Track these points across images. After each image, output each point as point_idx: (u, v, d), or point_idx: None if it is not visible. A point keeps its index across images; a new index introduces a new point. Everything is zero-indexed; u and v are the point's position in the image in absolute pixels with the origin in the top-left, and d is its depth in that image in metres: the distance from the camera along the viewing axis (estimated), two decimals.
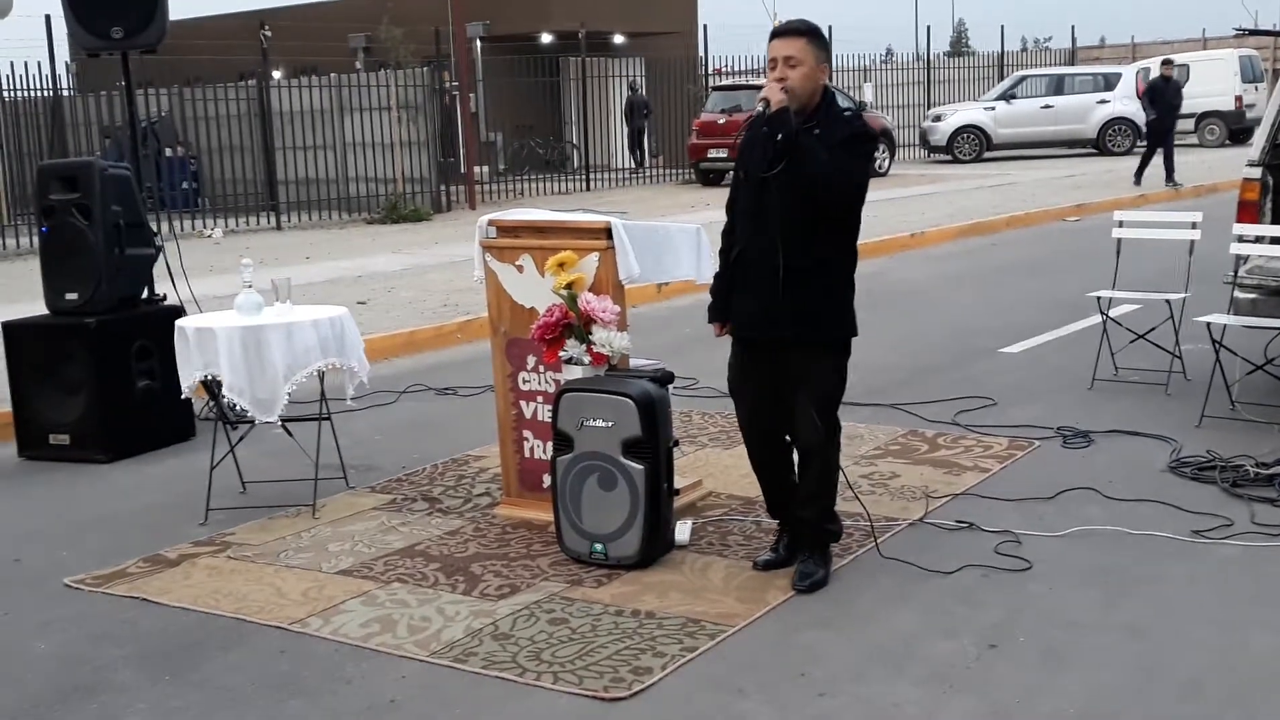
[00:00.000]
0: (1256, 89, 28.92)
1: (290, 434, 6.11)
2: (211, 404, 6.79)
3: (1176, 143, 29.34)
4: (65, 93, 20.26)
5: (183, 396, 5.94)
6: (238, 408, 5.69)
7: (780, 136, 4.29)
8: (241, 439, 6.11)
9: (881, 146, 24.31)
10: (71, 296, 6.92)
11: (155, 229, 7.49)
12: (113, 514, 5.92)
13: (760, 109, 4.36)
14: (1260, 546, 4.87)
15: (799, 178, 4.31)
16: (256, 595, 4.76)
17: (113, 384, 6.83)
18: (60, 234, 6.94)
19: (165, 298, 7.40)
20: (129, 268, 7.05)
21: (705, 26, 28.20)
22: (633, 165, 27.25)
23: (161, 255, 7.33)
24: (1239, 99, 28.69)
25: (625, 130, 27.64)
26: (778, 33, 4.50)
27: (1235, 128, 28.61)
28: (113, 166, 7.20)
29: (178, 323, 5.83)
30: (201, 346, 5.62)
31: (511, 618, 4.43)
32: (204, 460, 5.90)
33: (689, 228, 5.56)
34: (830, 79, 4.62)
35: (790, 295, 4.41)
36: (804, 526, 4.72)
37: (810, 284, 4.43)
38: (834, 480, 4.71)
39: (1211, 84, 28.98)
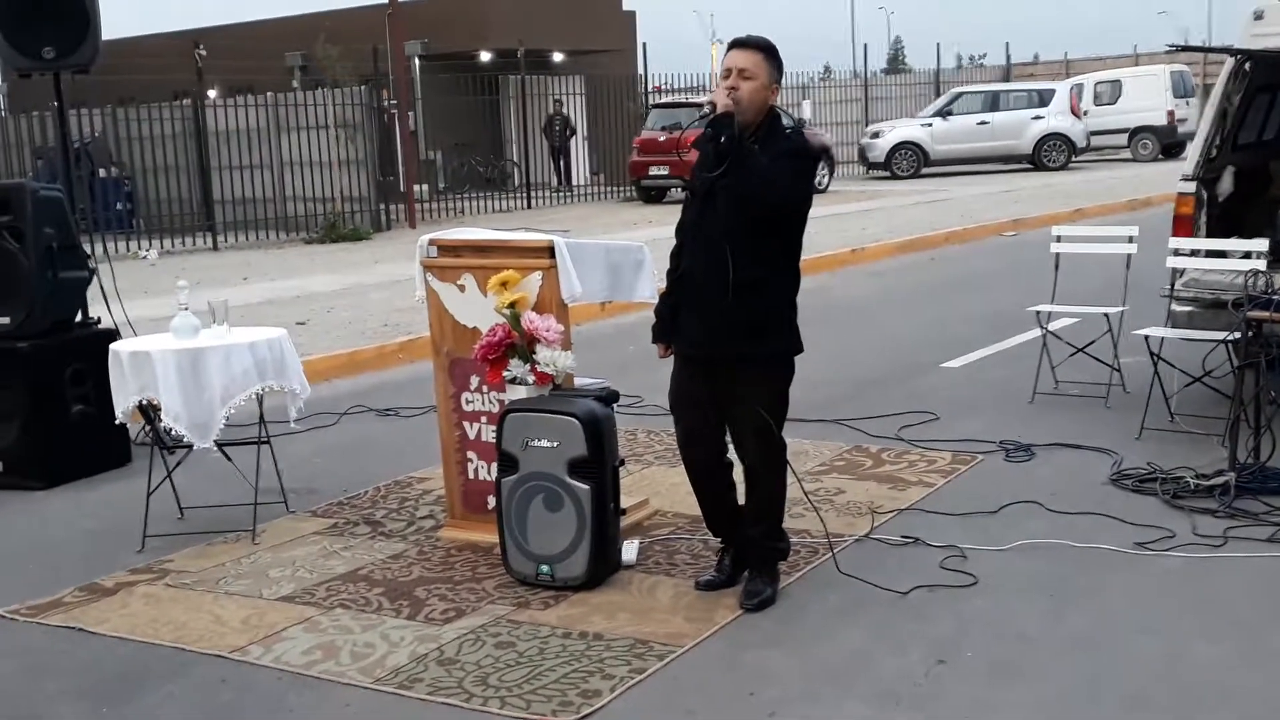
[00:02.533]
0: (1188, 104, 29.39)
1: (229, 458, 6.02)
2: (148, 429, 6.67)
3: (1109, 157, 29.93)
4: None
5: (117, 422, 5.85)
6: (174, 432, 5.60)
7: (723, 138, 4.29)
8: (179, 464, 6.01)
9: (821, 164, 24.47)
10: (3, 321, 6.78)
11: (89, 251, 7.37)
12: (48, 542, 5.80)
13: (705, 111, 4.35)
14: (1201, 558, 4.92)
15: (740, 181, 4.30)
16: (195, 623, 4.67)
17: (47, 409, 6.69)
18: None
19: (99, 321, 7.28)
20: (62, 291, 6.92)
21: (644, 45, 28.28)
22: (559, 184, 27.17)
23: (95, 278, 7.22)
24: (1171, 114, 29.14)
25: (546, 147, 27.55)
26: (735, 44, 4.50)
27: (1168, 142, 29.08)
28: (45, 188, 7.07)
29: (112, 347, 5.73)
30: (137, 370, 5.53)
31: (457, 642, 4.38)
32: (140, 486, 5.80)
33: (632, 245, 5.55)
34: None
35: (735, 310, 4.40)
36: (751, 545, 4.71)
37: (754, 300, 4.42)
38: (781, 499, 4.70)
39: (1144, 99, 29.44)
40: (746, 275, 4.38)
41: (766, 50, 4.48)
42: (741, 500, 4.79)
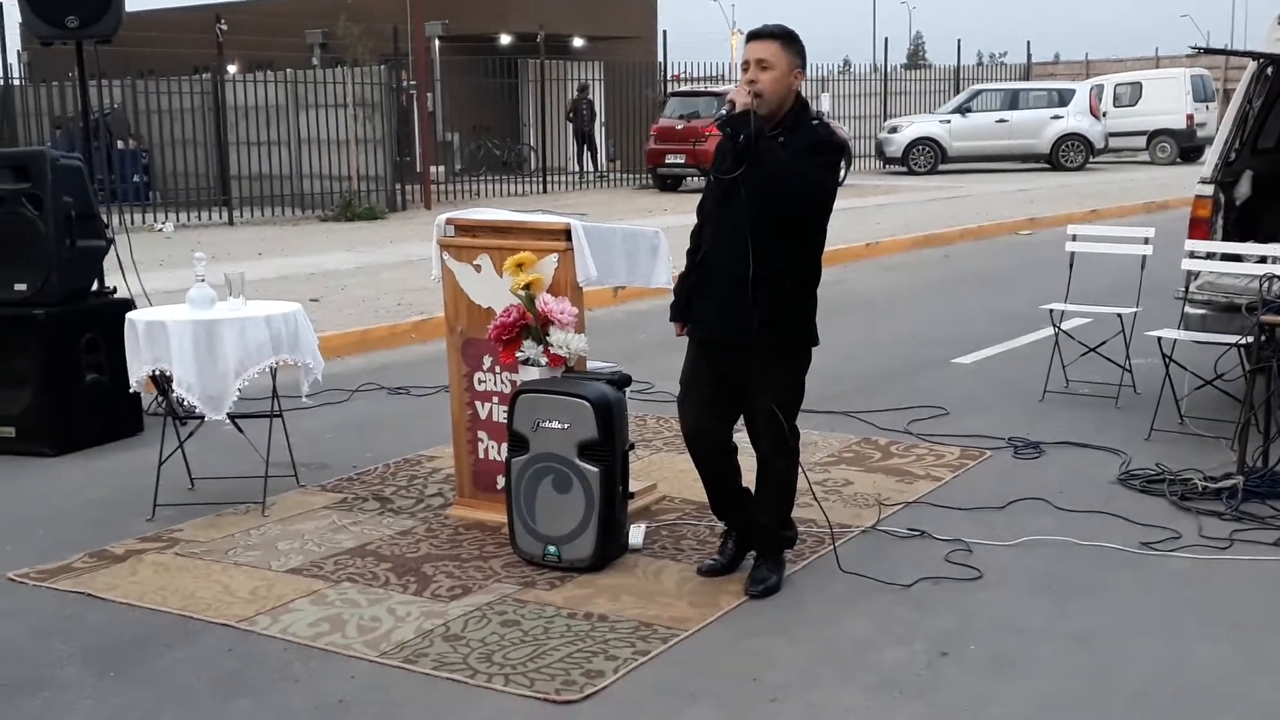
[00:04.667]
0: (1208, 108, 29.29)
1: (240, 430, 6.05)
2: (161, 399, 6.70)
3: (1127, 159, 29.84)
4: (16, 82, 19.97)
5: (130, 390, 5.89)
6: (186, 403, 5.63)
7: (741, 138, 4.28)
8: (191, 434, 6.04)
9: None
10: (20, 287, 6.82)
11: (106, 221, 7.40)
12: (59, 508, 5.84)
13: (725, 111, 4.34)
14: (1207, 559, 4.93)
15: (760, 179, 4.30)
16: (204, 592, 4.70)
17: (61, 377, 6.73)
18: (10, 224, 6.83)
19: (115, 291, 7.31)
20: (79, 259, 6.95)
21: (665, 32, 28.25)
22: (580, 170, 27.12)
23: (112, 248, 7.25)
24: (1190, 118, 29.04)
25: (573, 133, 27.48)
26: (753, 35, 4.47)
27: (1186, 146, 28.98)
28: (65, 157, 7.11)
29: (128, 316, 5.76)
30: (152, 340, 5.56)
31: (463, 619, 4.40)
32: (152, 455, 5.83)
33: (648, 231, 5.55)
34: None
35: (754, 302, 4.38)
36: (759, 532, 4.73)
37: (772, 291, 4.40)
38: (791, 488, 4.71)
39: (1163, 102, 29.34)
40: (767, 268, 4.37)
41: (784, 37, 4.44)
42: (747, 485, 4.79)
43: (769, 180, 4.29)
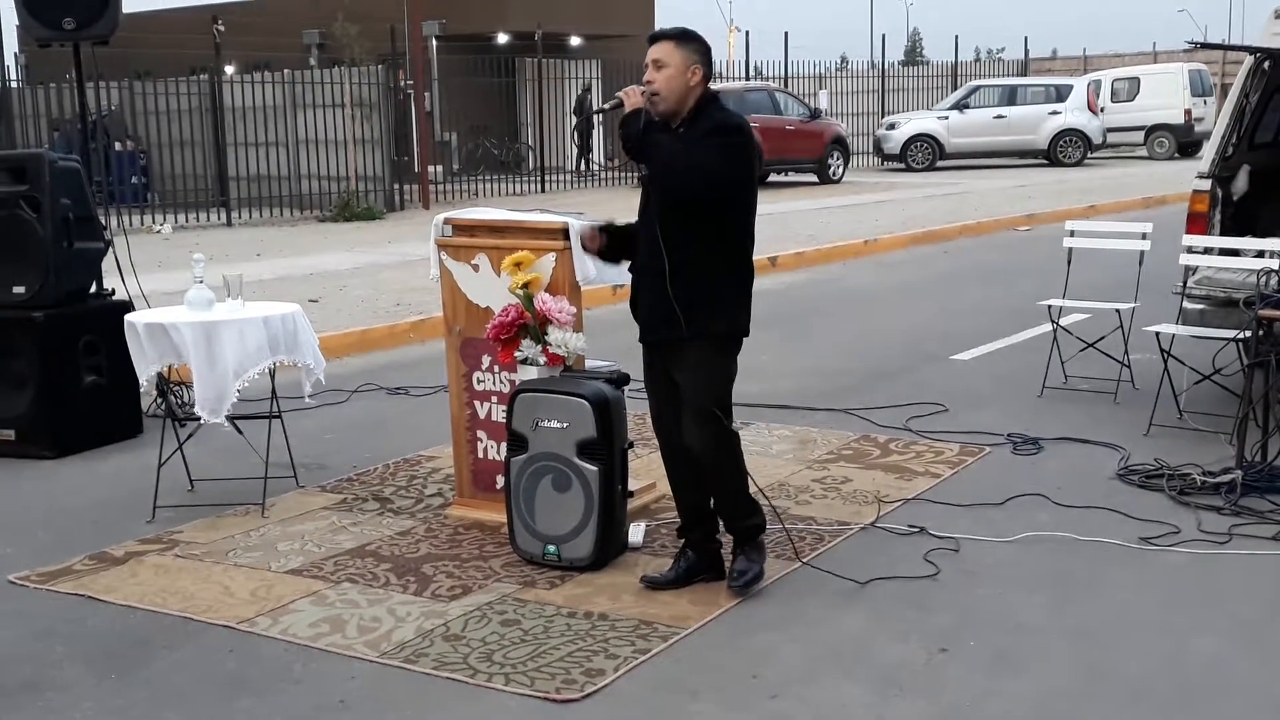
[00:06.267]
0: (1205, 103, 29.27)
1: (240, 432, 6.05)
2: (160, 400, 6.70)
3: (1125, 155, 29.84)
4: (13, 84, 19.97)
5: (141, 390, 5.89)
6: (189, 404, 5.63)
7: (629, 135, 4.43)
8: (190, 436, 6.04)
9: (836, 153, 24.51)
10: (18, 290, 6.81)
11: (104, 223, 7.40)
12: (59, 510, 5.84)
13: (614, 103, 4.53)
14: (1206, 554, 4.93)
15: (654, 173, 4.44)
16: (204, 594, 4.71)
17: (60, 379, 6.73)
18: (7, 226, 6.83)
19: (113, 292, 7.31)
20: (77, 261, 6.95)
21: None
22: (585, 168, 27.09)
23: (110, 250, 7.24)
24: (1188, 112, 29.03)
25: (578, 134, 27.43)
26: (650, 39, 4.60)
27: (1184, 141, 28.96)
28: (62, 158, 7.09)
29: (128, 318, 5.77)
30: (153, 341, 5.56)
31: (463, 619, 4.41)
32: (152, 457, 5.84)
33: None
34: (712, 79, 4.60)
35: (670, 293, 4.41)
36: (728, 530, 4.72)
37: (687, 281, 4.41)
38: (732, 475, 4.60)
39: (1161, 97, 29.33)
40: (679, 258, 4.41)
41: (677, 37, 4.53)
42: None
43: (662, 171, 4.41)
